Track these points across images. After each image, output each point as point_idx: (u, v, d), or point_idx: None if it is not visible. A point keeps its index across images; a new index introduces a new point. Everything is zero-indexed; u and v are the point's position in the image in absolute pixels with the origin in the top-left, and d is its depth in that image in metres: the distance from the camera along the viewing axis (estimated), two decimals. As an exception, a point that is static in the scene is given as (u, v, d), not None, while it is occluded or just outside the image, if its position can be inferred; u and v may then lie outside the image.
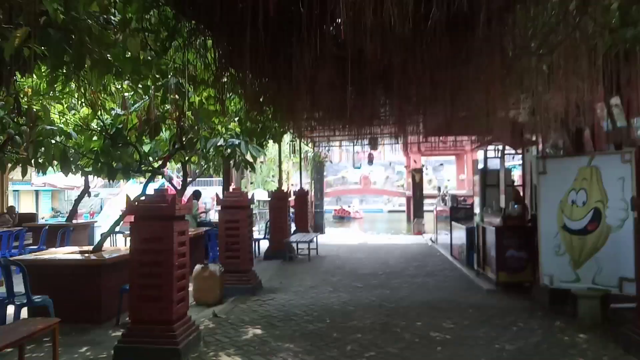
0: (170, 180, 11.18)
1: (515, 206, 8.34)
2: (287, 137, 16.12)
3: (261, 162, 28.76)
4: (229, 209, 7.92)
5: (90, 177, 13.39)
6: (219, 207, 8.38)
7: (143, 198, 5.22)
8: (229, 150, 6.61)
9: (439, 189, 15.42)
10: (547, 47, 3.91)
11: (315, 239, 12.88)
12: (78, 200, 14.68)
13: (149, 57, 3.71)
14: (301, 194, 16.24)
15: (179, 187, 16.87)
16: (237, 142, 6.32)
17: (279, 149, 12.60)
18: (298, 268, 10.67)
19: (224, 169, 13.53)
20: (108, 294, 6.47)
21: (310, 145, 19.18)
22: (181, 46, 3.87)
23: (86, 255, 6.83)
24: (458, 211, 11.88)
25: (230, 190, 9.49)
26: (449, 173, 44.22)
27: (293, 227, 16.03)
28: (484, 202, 9.46)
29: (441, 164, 43.07)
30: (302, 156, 19.52)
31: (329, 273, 9.97)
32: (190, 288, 7.50)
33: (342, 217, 40.57)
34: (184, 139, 6.66)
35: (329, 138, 16.48)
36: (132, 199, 5.24)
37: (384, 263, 11.24)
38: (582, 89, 4.88)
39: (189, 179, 13.14)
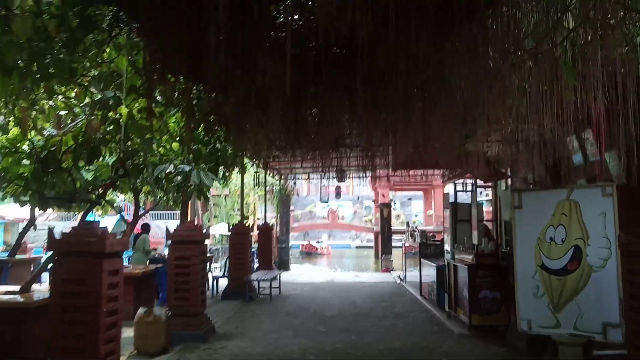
0: (120, 212, 10.30)
1: (489, 243, 7.88)
2: (251, 169, 15.50)
3: (226, 195, 27.91)
4: (180, 244, 7.16)
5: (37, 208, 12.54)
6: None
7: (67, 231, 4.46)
8: (179, 178, 5.92)
9: (408, 224, 14.96)
10: (537, 51, 3.47)
11: (278, 277, 12.11)
12: (22, 234, 13.52)
13: (61, 55, 3.08)
14: (265, 229, 15.52)
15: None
16: (188, 168, 5.67)
17: (241, 180, 11.93)
18: (258, 309, 9.87)
19: (182, 201, 12.74)
20: (32, 344, 5.58)
21: (276, 177, 18.58)
22: (99, 41, 3.25)
23: (10, 296, 5.94)
24: (427, 247, 11.38)
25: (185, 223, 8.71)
26: (416, 208, 44.18)
27: (257, 264, 15.24)
28: (454, 239, 9.00)
29: (409, 199, 42.92)
30: (268, 189, 18.87)
31: (291, 315, 9.21)
32: (132, 334, 6.70)
33: (310, 253, 39.67)
34: (128, 164, 5.96)
35: (294, 170, 15.95)
36: (55, 231, 4.49)
37: (351, 303, 10.55)
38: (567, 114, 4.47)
39: (142, 211, 12.28)
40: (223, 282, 11.84)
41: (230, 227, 11.41)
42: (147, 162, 6.03)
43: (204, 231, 7.67)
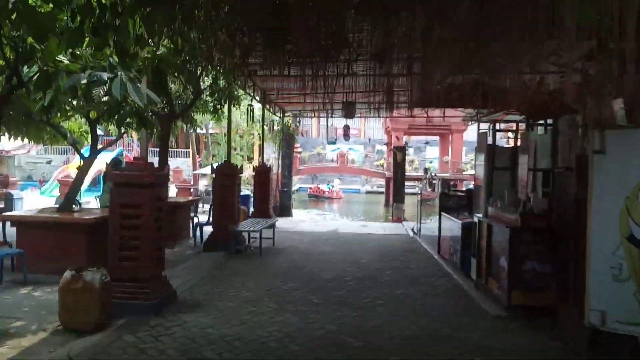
0: (73, 143, 8.44)
1: (539, 200, 5.95)
2: (245, 100, 13.51)
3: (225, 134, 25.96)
4: (125, 188, 5.34)
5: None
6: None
7: None
8: (102, 93, 3.98)
9: (426, 170, 13.00)
10: None
11: (272, 227, 10.40)
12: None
13: None
14: (262, 171, 13.73)
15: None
16: (106, 76, 3.70)
17: (228, 112, 9.93)
18: (242, 267, 8.19)
19: (161, 134, 10.88)
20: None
21: (278, 114, 16.58)
22: None
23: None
24: (449, 199, 9.50)
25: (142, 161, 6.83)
26: (431, 154, 42.08)
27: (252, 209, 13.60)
28: (489, 191, 7.09)
29: (427, 143, 40.28)
30: (267, 126, 16.90)
31: (281, 276, 7.51)
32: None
33: (317, 196, 38.24)
34: (27, 72, 4.03)
35: (297, 103, 13.83)
36: None
37: (355, 262, 8.83)
38: None
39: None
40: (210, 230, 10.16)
41: (214, 168, 9.55)
42: (58, 69, 4.08)
43: (165, 171, 5.86)
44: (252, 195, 13.98)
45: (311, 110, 17.32)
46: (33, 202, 15.20)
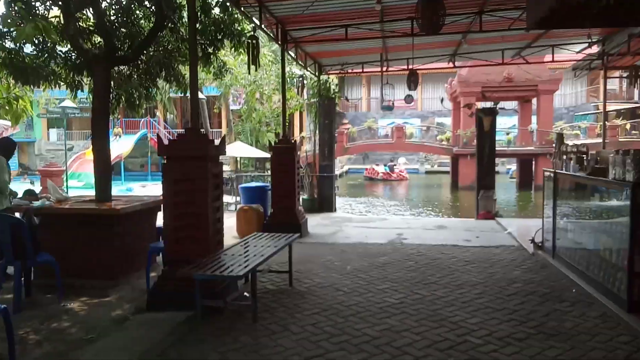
0: None
1: None
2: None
3: (256, 108, 21.27)
4: None
5: None
6: None
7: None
8: None
9: (561, 137, 7.62)
10: None
11: (290, 247, 5.72)
12: None
13: None
14: (284, 149, 8.98)
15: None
16: None
17: (190, 36, 5.18)
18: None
19: (95, 88, 6.41)
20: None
21: (310, 68, 11.78)
22: None
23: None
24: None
25: None
26: (501, 124, 35.83)
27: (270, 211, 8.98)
28: None
29: (518, 107, 30.44)
30: (294, 85, 12.18)
31: None
32: None
33: (372, 179, 33.32)
34: None
35: (328, 48, 8.78)
36: None
37: (457, 347, 3.97)
38: None
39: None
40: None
41: (162, 145, 4.82)
42: None
43: None
44: (262, 185, 9.40)
45: (359, 63, 12.41)
46: None
